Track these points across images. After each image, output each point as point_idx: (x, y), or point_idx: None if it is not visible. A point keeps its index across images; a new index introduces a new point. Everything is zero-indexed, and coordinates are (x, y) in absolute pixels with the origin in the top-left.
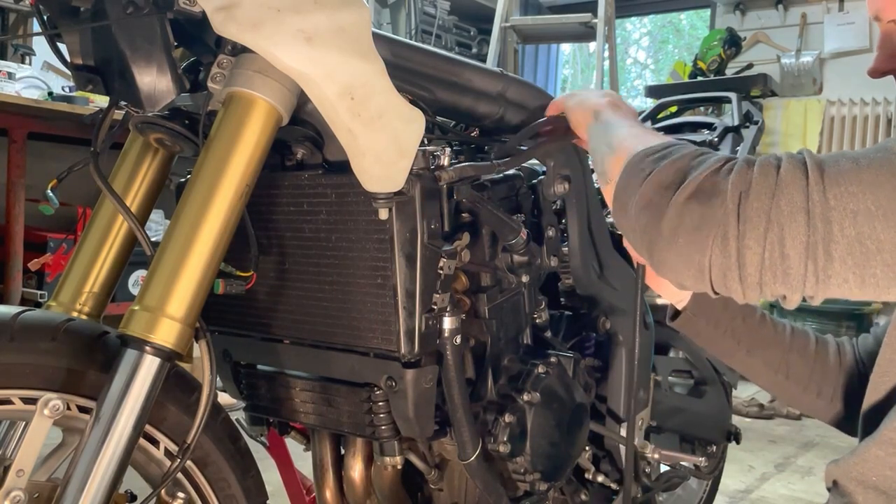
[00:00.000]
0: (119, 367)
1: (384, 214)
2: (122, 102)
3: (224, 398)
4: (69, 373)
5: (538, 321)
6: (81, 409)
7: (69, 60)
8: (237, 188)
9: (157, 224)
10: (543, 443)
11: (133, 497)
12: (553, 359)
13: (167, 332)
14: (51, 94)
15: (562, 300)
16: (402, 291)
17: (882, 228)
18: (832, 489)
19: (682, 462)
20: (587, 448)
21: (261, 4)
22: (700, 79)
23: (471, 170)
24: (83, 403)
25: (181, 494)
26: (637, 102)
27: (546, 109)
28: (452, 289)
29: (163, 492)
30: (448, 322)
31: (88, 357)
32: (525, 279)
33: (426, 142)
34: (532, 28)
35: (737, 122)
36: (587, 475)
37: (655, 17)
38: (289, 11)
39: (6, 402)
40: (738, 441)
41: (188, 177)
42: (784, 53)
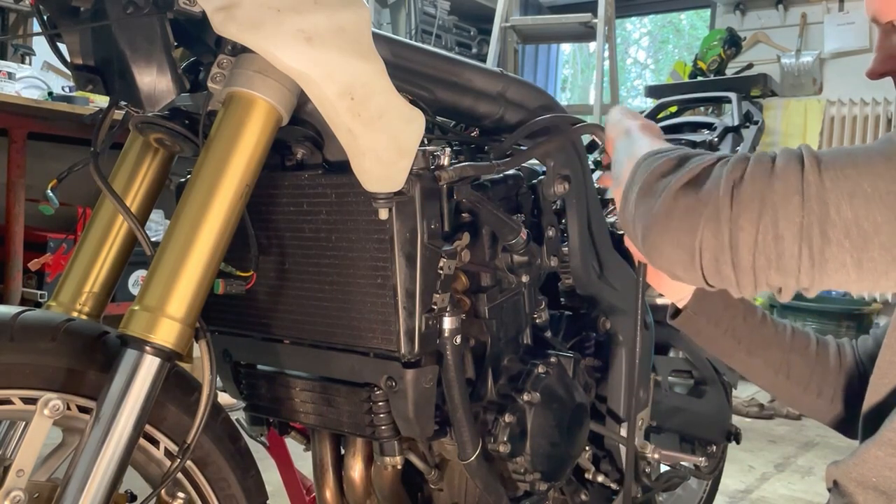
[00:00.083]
0: (119, 367)
1: (384, 214)
2: (122, 102)
3: (224, 398)
4: (69, 373)
5: (538, 321)
6: (81, 409)
7: (69, 60)
8: (237, 188)
9: (157, 224)
10: (543, 443)
11: (133, 497)
12: (553, 359)
13: (167, 332)
14: (51, 94)
15: (562, 300)
16: (402, 291)
17: (879, 211)
18: (832, 490)
19: (682, 462)
20: (587, 448)
21: (261, 4)
22: (700, 79)
23: (471, 170)
24: (83, 403)
25: (181, 494)
26: (637, 102)
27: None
28: (452, 289)
29: (163, 492)
30: (448, 322)
31: (88, 357)
32: (525, 279)
33: (426, 142)
34: (532, 28)
35: (737, 122)
36: (587, 475)
37: (655, 17)
38: (289, 11)
39: (6, 402)
40: (738, 441)
41: (188, 177)
42: (784, 53)
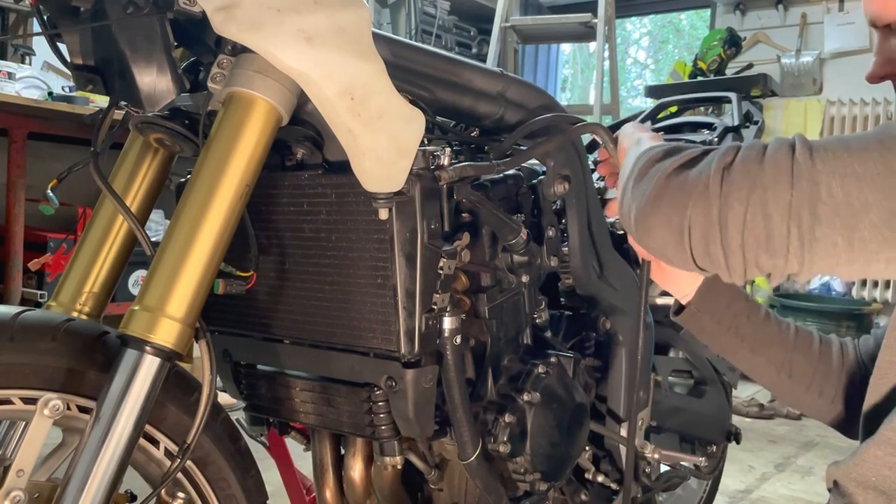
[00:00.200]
0: (119, 367)
1: (384, 214)
2: (122, 102)
3: (224, 398)
4: (69, 373)
5: (538, 321)
6: (81, 409)
7: (69, 60)
8: (237, 188)
9: (157, 224)
10: (543, 443)
11: (133, 497)
12: (553, 359)
13: (167, 332)
14: (51, 94)
15: (562, 300)
16: (402, 291)
17: (870, 191)
18: (832, 490)
19: (682, 462)
20: (587, 448)
21: (261, 4)
22: (700, 79)
23: (471, 170)
24: (83, 403)
25: (181, 494)
26: (637, 102)
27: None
28: (452, 289)
29: (163, 492)
30: (448, 322)
31: (88, 357)
32: (525, 279)
33: (426, 142)
34: (532, 28)
35: (737, 122)
36: (587, 475)
37: (655, 17)
38: (289, 11)
39: (6, 402)
40: (738, 441)
41: (188, 177)
42: (784, 53)
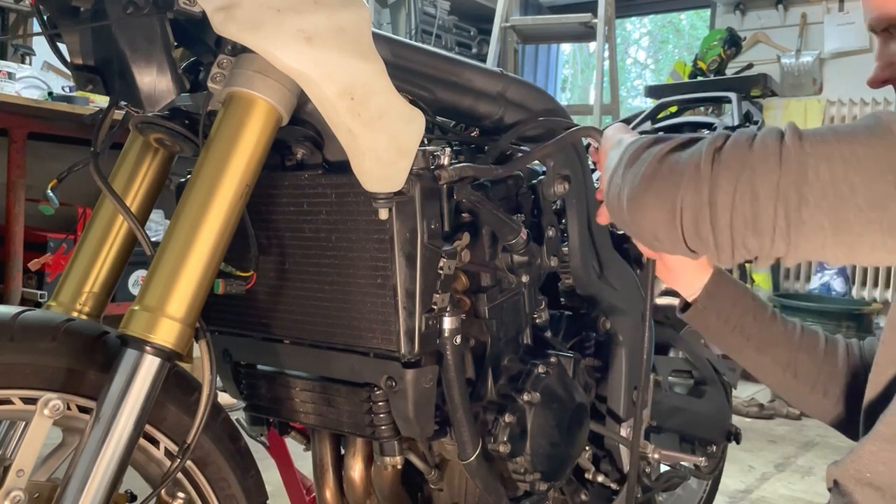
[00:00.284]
0: (119, 367)
1: (384, 214)
2: (122, 102)
3: (224, 398)
4: (69, 373)
5: (538, 321)
6: (81, 409)
7: (69, 60)
8: (237, 188)
9: (157, 224)
10: (543, 443)
11: (133, 497)
12: (553, 359)
13: (167, 332)
14: (51, 94)
15: (562, 300)
16: (402, 291)
17: (856, 173)
18: (832, 490)
19: (682, 462)
20: (587, 448)
21: (261, 4)
22: (700, 79)
23: (471, 170)
24: (83, 403)
25: (181, 494)
26: (637, 102)
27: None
28: (452, 289)
29: (163, 492)
30: (448, 322)
31: (88, 357)
32: (525, 279)
33: (426, 142)
34: (532, 28)
35: (737, 122)
36: (587, 475)
37: (655, 17)
38: (289, 11)
39: (6, 402)
40: (738, 441)
41: (188, 177)
42: (784, 53)
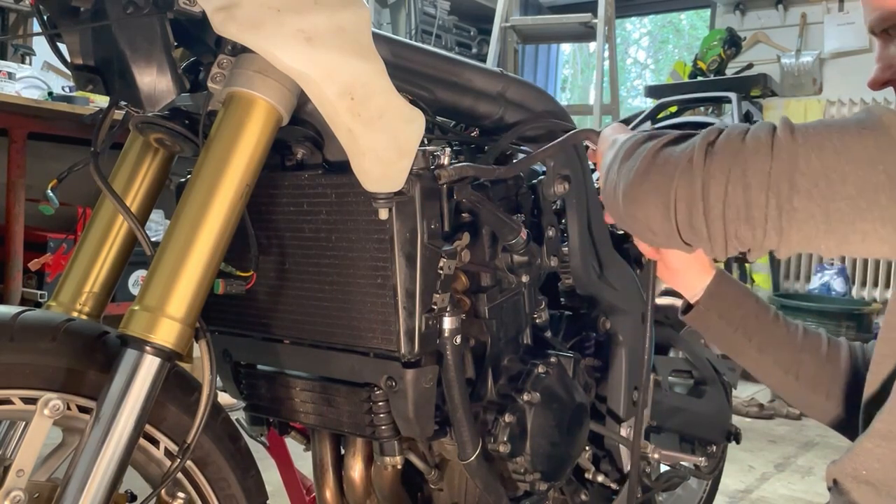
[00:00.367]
0: (119, 367)
1: (384, 214)
2: (122, 102)
3: (224, 398)
4: (69, 373)
5: (538, 321)
6: (81, 409)
7: (69, 60)
8: (237, 188)
9: (157, 224)
10: (543, 443)
11: (133, 497)
12: (553, 359)
13: (167, 332)
14: (51, 94)
15: (562, 300)
16: (402, 291)
17: (847, 163)
18: (832, 489)
19: (682, 462)
20: (587, 448)
21: (261, 4)
22: (700, 79)
23: (471, 170)
24: (83, 403)
25: (181, 494)
26: (637, 102)
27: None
28: (452, 289)
29: (163, 492)
30: (448, 322)
31: (88, 357)
32: (525, 279)
33: (426, 142)
34: (532, 28)
35: (737, 122)
36: (587, 475)
37: (655, 17)
38: (289, 11)
39: (6, 402)
40: (738, 441)
41: (188, 177)
42: (784, 53)
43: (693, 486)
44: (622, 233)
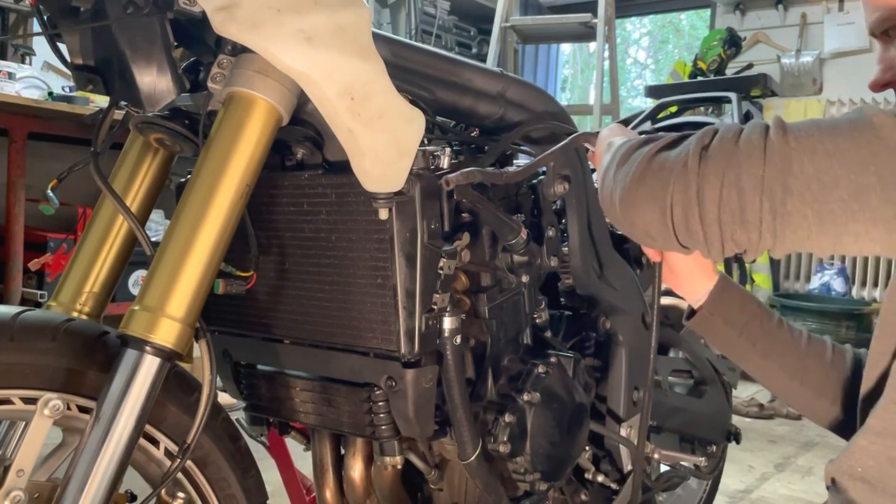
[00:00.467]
0: (119, 367)
1: (384, 214)
2: (122, 102)
3: (224, 398)
4: (69, 373)
5: (538, 321)
6: (81, 409)
7: (69, 60)
8: (237, 188)
9: (157, 224)
10: (543, 443)
11: (133, 497)
12: (553, 359)
13: (167, 332)
14: (51, 94)
15: (562, 300)
16: (402, 291)
17: (839, 166)
18: (830, 488)
19: (682, 462)
20: (587, 448)
21: (261, 4)
22: (700, 79)
23: (479, 175)
24: (83, 403)
25: (181, 494)
26: (637, 102)
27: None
28: (452, 289)
29: (163, 492)
30: (448, 322)
31: (88, 357)
32: (525, 279)
33: (426, 142)
34: (532, 28)
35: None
36: (587, 475)
37: (655, 17)
38: (289, 11)
39: (6, 402)
40: (738, 441)
41: (188, 177)
42: (784, 53)
43: (693, 486)
44: (622, 233)
